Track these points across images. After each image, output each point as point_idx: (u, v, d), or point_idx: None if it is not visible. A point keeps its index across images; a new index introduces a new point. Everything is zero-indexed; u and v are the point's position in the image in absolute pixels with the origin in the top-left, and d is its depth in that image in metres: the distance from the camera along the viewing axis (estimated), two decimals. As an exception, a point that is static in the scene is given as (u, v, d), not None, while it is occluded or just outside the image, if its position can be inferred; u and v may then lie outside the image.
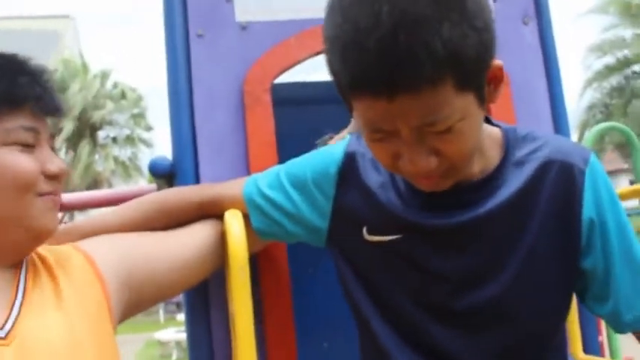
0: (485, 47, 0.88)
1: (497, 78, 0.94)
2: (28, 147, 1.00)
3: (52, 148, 1.06)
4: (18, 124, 0.99)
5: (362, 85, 0.87)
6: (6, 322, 0.93)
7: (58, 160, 1.04)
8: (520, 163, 1.04)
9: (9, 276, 1.00)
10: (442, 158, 0.92)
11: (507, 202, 1.02)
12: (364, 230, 1.09)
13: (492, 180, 1.03)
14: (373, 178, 1.10)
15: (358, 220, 1.10)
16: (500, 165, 1.04)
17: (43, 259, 1.05)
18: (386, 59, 0.83)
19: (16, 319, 0.94)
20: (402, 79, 0.83)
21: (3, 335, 0.91)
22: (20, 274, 1.01)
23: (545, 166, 1.03)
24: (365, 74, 0.85)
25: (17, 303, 0.96)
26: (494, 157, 1.05)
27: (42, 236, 1.03)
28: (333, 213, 1.14)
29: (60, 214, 1.11)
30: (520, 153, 1.05)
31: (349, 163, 1.13)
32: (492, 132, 1.07)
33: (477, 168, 1.03)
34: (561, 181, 1.02)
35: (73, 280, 1.03)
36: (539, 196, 1.02)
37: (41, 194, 1.01)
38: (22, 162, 0.98)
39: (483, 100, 0.93)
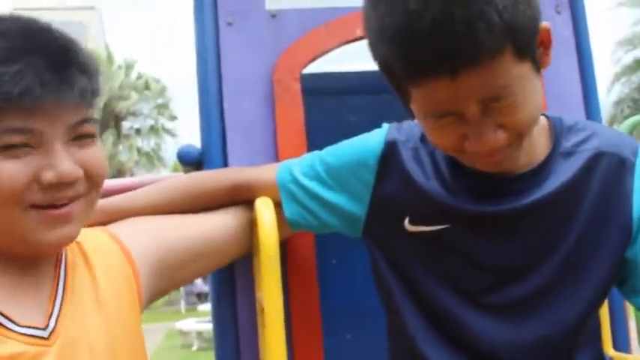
0: (535, 12, 0.89)
1: (546, 41, 0.95)
2: (22, 149, 0.83)
3: (82, 136, 0.89)
4: (3, 125, 0.81)
5: (421, 69, 0.86)
6: (49, 320, 0.89)
7: (64, 163, 0.85)
8: (568, 154, 1.03)
9: (49, 269, 0.94)
10: (508, 130, 0.91)
11: (556, 192, 1.01)
12: (406, 220, 1.08)
13: (541, 171, 1.02)
14: (415, 167, 1.09)
15: (399, 210, 1.09)
16: (549, 155, 1.03)
17: (79, 245, 1.02)
18: (444, 37, 0.82)
19: (57, 318, 0.90)
20: (463, 53, 0.83)
21: (46, 335, 0.88)
22: (60, 267, 0.95)
23: (596, 158, 1.02)
24: (423, 57, 0.84)
25: (58, 300, 0.92)
26: (542, 145, 1.04)
27: (46, 251, 0.90)
28: (372, 202, 1.13)
29: None
30: (568, 143, 1.04)
31: (390, 152, 1.11)
32: (539, 120, 1.05)
33: (524, 157, 1.01)
34: (612, 174, 1.01)
35: (107, 269, 1.02)
36: (589, 187, 1.01)
37: (36, 206, 0.85)
38: (3, 171, 0.82)
39: (538, 66, 0.93)
